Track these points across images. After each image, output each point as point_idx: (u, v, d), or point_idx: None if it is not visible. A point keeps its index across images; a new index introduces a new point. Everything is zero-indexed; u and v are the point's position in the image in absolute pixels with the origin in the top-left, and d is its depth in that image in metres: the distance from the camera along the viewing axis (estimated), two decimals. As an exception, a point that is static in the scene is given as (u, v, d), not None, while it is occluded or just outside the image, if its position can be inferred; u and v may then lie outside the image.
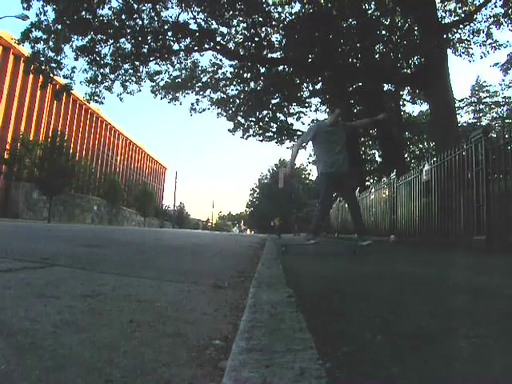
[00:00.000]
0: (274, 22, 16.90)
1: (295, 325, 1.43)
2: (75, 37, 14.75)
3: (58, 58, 15.03)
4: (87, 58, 15.52)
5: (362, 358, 1.15)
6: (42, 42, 14.50)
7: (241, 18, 16.42)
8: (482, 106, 34.22)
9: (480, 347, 1.26)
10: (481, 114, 34.15)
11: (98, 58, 15.63)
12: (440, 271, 3.75)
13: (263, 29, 17.28)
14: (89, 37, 14.88)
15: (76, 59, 15.50)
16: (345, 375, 0.99)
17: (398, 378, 0.99)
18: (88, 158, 42.47)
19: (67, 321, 1.66)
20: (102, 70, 16.43)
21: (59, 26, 14.01)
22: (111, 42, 15.42)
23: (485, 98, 34.11)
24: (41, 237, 7.17)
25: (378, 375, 1.01)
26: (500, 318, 1.71)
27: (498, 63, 20.88)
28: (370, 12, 15.96)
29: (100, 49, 15.47)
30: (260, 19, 16.40)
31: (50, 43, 14.50)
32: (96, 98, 17.24)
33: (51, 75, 15.61)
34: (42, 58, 14.87)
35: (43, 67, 15.18)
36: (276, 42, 17.75)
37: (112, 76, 16.78)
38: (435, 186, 8.34)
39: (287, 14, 17.04)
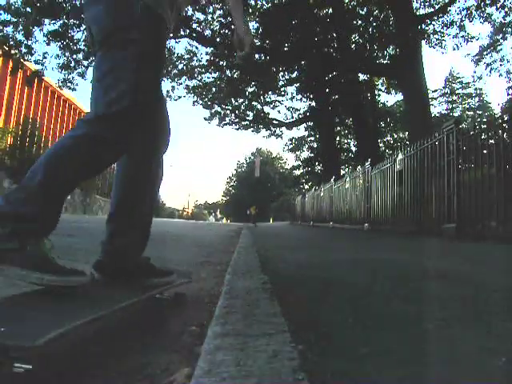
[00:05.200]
0: (250, 10, 16.79)
1: (269, 310, 1.46)
2: (46, 21, 14.33)
3: (29, 43, 14.58)
4: (59, 44, 15.11)
5: (333, 340, 1.19)
6: (11, 26, 14.04)
7: (217, 5, 16.26)
8: (455, 97, 34.90)
9: (445, 329, 1.32)
10: (453, 105, 34.85)
11: (70, 44, 15.24)
12: (410, 258, 3.86)
13: (240, 16, 17.14)
14: (61, 21, 14.48)
15: (48, 44, 15.06)
16: (316, 356, 1.02)
17: (366, 358, 1.03)
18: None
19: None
20: (74, 56, 16.04)
21: (29, 9, 13.58)
22: (84, 26, 15.05)
23: (458, 89, 34.80)
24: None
25: (348, 356, 1.05)
26: (464, 302, 1.79)
27: (469, 54, 21.34)
28: (346, 1, 16.02)
29: (73, 34, 15.09)
30: (236, 6, 16.25)
31: (20, 27, 14.05)
32: (69, 84, 16.87)
33: (21, 60, 15.15)
34: (12, 42, 14.40)
35: (12, 51, 14.71)
36: (252, 30, 17.67)
37: (85, 62, 16.41)
38: (408, 175, 8.50)
39: (264, 2, 16.98)
